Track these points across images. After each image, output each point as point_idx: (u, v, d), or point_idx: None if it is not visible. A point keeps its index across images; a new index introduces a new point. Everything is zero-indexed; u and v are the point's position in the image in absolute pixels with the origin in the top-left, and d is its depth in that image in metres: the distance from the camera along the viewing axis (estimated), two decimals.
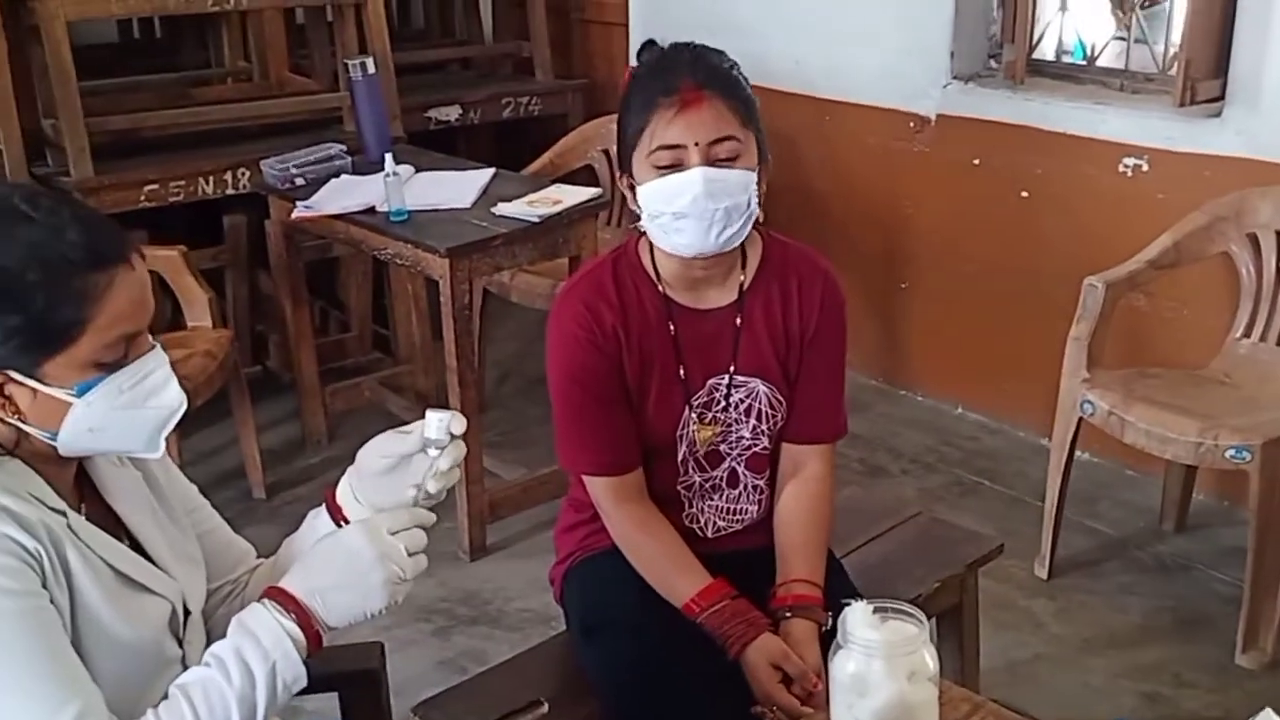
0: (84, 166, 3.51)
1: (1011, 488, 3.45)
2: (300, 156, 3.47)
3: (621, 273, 1.78)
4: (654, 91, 1.65)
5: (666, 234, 1.69)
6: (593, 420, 1.77)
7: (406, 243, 3.04)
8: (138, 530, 1.38)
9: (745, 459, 1.84)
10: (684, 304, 1.79)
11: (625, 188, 1.75)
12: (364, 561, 1.30)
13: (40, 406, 1.24)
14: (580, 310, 1.75)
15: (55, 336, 1.21)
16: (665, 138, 1.64)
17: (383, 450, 1.39)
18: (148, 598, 1.33)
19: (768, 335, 1.80)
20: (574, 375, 1.76)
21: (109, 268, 1.23)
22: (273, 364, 4.10)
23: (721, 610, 1.70)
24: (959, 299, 3.82)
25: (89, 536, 1.28)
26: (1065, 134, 3.42)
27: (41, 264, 1.20)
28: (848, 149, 4.00)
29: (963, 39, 3.66)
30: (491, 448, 3.43)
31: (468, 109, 4.52)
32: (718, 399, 1.80)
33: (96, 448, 1.31)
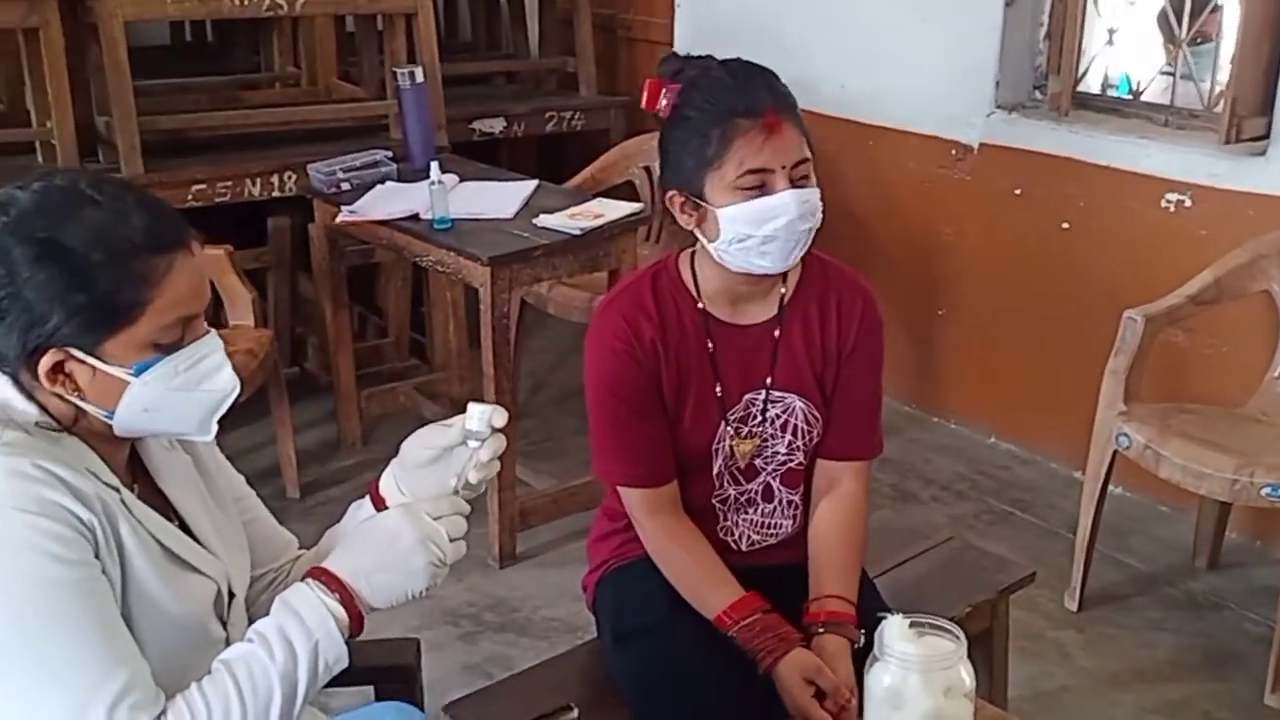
0: (134, 164, 3.56)
1: (1043, 519, 3.43)
2: (346, 162, 3.51)
3: (661, 287, 1.80)
4: (732, 113, 1.64)
5: (749, 256, 1.69)
6: (629, 432, 1.78)
7: (449, 250, 3.07)
8: (186, 512, 1.41)
9: (780, 474, 1.85)
10: (723, 319, 1.80)
11: (678, 208, 1.73)
12: (406, 544, 1.32)
13: (99, 385, 1.27)
14: (620, 323, 1.77)
15: (117, 316, 1.24)
16: (754, 162, 1.64)
17: (426, 442, 1.42)
18: (195, 577, 1.36)
19: (805, 351, 1.81)
20: (611, 387, 1.78)
21: (170, 252, 1.26)
22: (311, 366, 4.14)
23: (754, 624, 1.70)
24: (996, 327, 3.82)
25: (141, 514, 1.31)
26: (1108, 167, 3.42)
27: (106, 246, 1.23)
28: (890, 174, 4.01)
29: (1008, 68, 3.67)
30: (524, 457, 3.45)
31: (511, 121, 4.56)
32: (754, 413, 1.81)
33: (151, 428, 1.34)
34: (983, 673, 2.21)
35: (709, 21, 4.48)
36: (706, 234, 1.72)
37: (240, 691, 1.25)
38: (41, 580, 1.19)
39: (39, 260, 1.22)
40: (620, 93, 4.89)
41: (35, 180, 1.27)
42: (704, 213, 1.70)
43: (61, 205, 1.24)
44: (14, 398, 1.28)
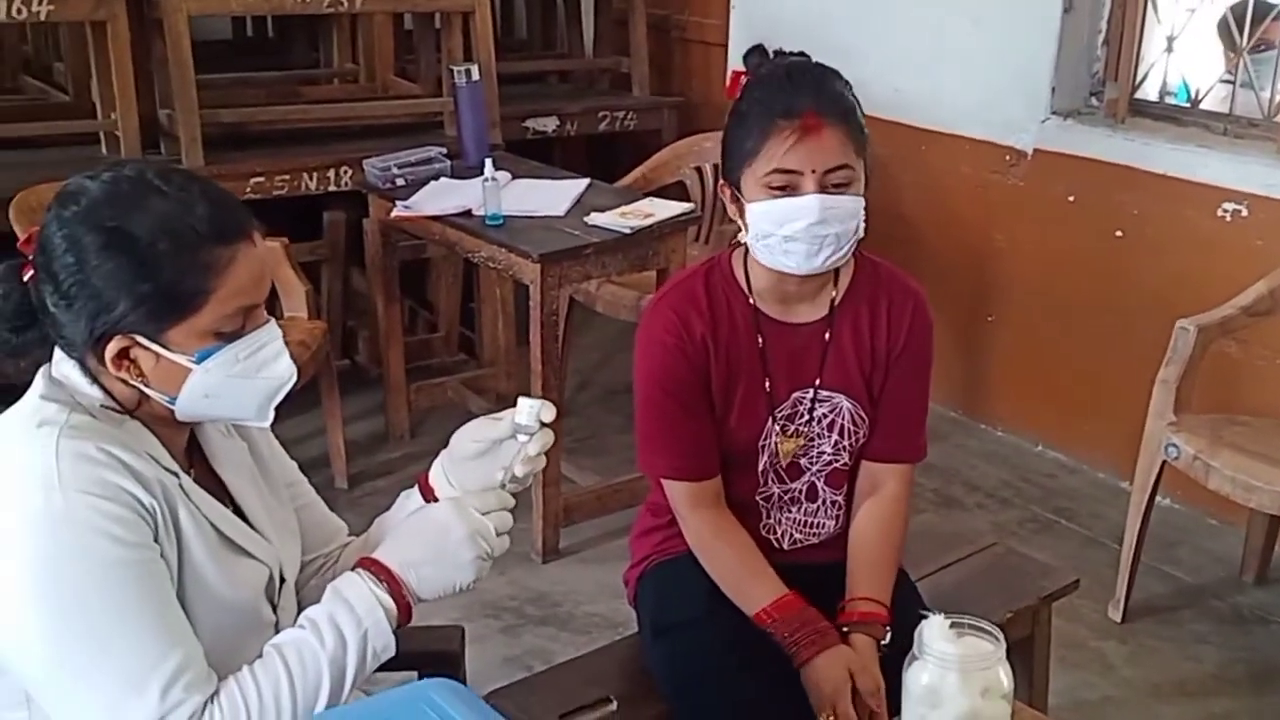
0: (195, 156, 3.62)
1: (1088, 528, 3.41)
2: (402, 157, 3.56)
3: (714, 283, 1.82)
4: (773, 111, 1.67)
5: (772, 253, 1.72)
6: (675, 426, 1.80)
7: (500, 246, 3.11)
8: (241, 498, 1.44)
9: (825, 474, 1.86)
10: (774, 316, 1.82)
11: (728, 198, 1.78)
12: (455, 538, 1.35)
13: (162, 371, 1.30)
14: (671, 318, 1.79)
15: (181, 305, 1.27)
16: (783, 162, 1.67)
17: (475, 435, 1.45)
18: (248, 561, 1.39)
19: (855, 352, 1.82)
20: (660, 380, 1.80)
21: (233, 242, 1.29)
22: (361, 359, 4.20)
23: (793, 619, 1.72)
24: (1046, 334, 3.79)
25: (198, 498, 1.35)
26: (1164, 175, 3.39)
27: (171, 235, 1.26)
28: (943, 178, 4.00)
29: (1065, 74, 3.65)
30: (568, 453, 3.48)
31: (565, 120, 4.59)
32: (801, 412, 1.83)
33: (211, 414, 1.37)
34: (1023, 680, 2.21)
35: (764, 23, 4.48)
36: (745, 227, 1.75)
37: (290, 675, 1.29)
38: (103, 561, 1.22)
39: (107, 249, 1.25)
40: (673, 93, 4.91)
41: (104, 170, 1.30)
42: (741, 206, 1.74)
43: (129, 195, 1.27)
44: (80, 382, 1.31)
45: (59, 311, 1.28)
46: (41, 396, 1.31)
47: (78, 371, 1.32)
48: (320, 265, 4.00)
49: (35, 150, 3.78)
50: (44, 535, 1.22)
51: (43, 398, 1.31)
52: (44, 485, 1.22)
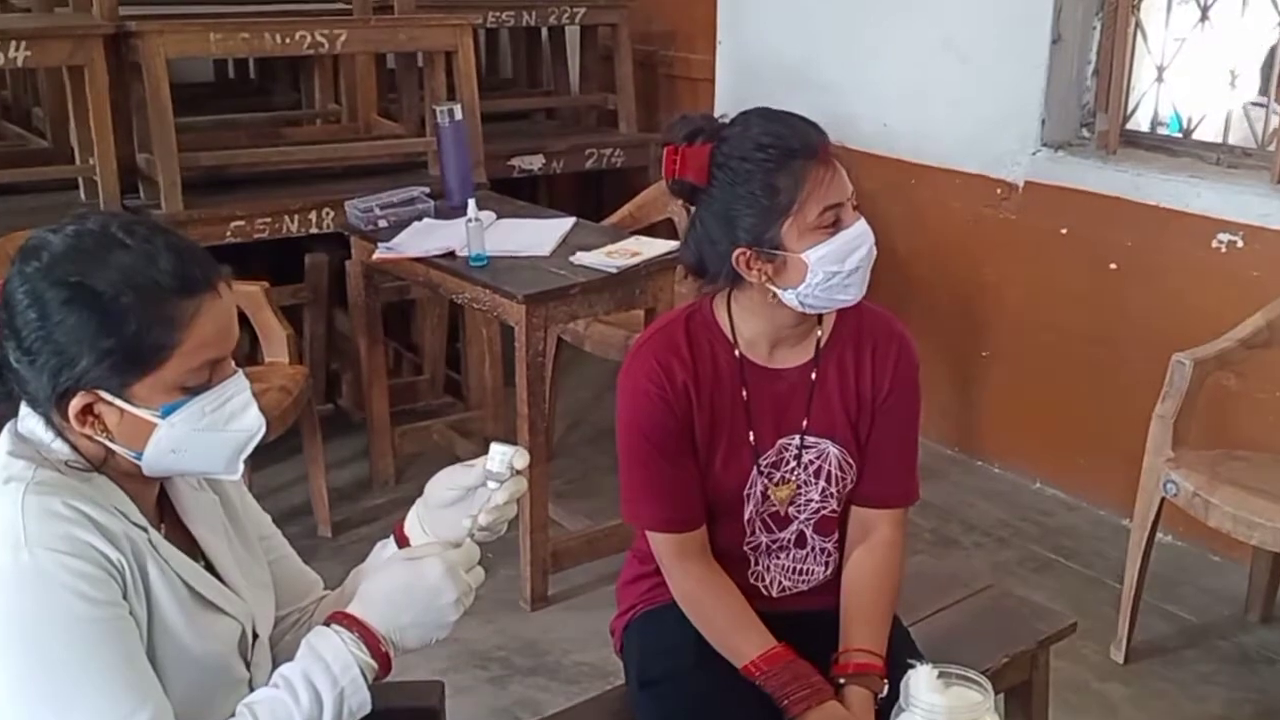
0: (175, 200, 3.63)
1: (1089, 567, 3.40)
2: (384, 198, 3.57)
3: (695, 330, 1.81)
4: (793, 155, 1.66)
5: (831, 293, 1.71)
6: (659, 475, 1.79)
7: (485, 287, 3.10)
8: (212, 552, 1.43)
9: (814, 521, 1.85)
10: (758, 363, 1.81)
11: (749, 263, 1.69)
12: (444, 601, 1.35)
13: (127, 426, 1.30)
14: (652, 366, 1.78)
15: (145, 359, 1.27)
16: (829, 198, 1.67)
17: (449, 482, 1.44)
18: (220, 617, 1.38)
19: (840, 396, 1.82)
20: (643, 430, 1.78)
21: (197, 294, 1.29)
22: (345, 403, 4.19)
23: (783, 672, 1.70)
24: (1041, 369, 3.79)
25: (168, 554, 1.34)
26: (1158, 206, 3.40)
27: (134, 290, 1.26)
28: (933, 213, 4.01)
29: (1054, 106, 3.67)
30: (557, 497, 3.46)
31: (551, 158, 4.61)
32: (787, 459, 1.82)
33: (178, 468, 1.36)
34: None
35: (751, 58, 4.51)
36: (785, 282, 1.70)
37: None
38: (69, 618, 1.22)
39: (69, 304, 1.25)
40: (660, 130, 4.93)
41: (68, 223, 1.30)
42: (781, 263, 1.69)
43: (92, 249, 1.27)
44: (45, 437, 1.31)
45: (22, 368, 1.28)
46: (8, 453, 1.30)
47: (43, 427, 1.31)
48: (302, 308, 4.00)
49: (13, 197, 3.79)
50: (11, 593, 1.21)
51: (9, 454, 1.30)
52: (11, 543, 1.22)
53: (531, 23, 4.96)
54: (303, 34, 3.75)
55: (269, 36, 3.73)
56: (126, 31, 3.63)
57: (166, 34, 3.59)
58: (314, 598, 1.62)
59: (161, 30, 3.59)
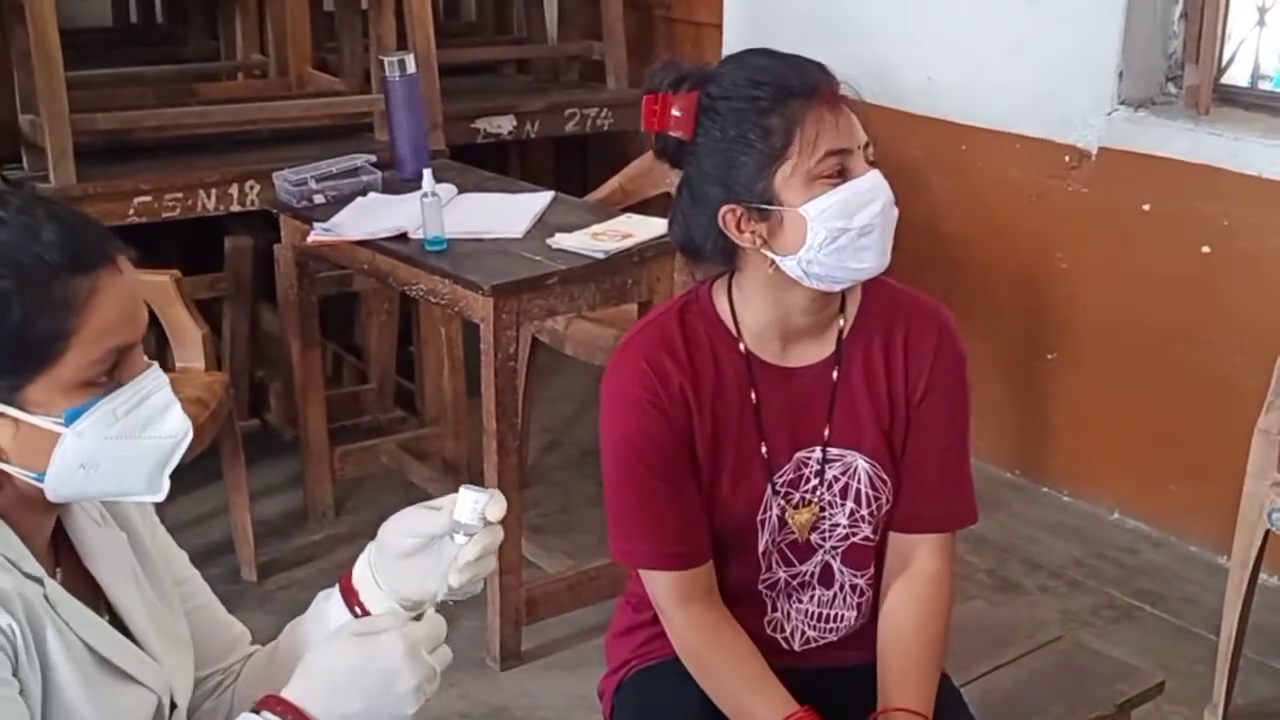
0: (66, 171, 3.61)
1: (1178, 615, 3.41)
2: (321, 169, 3.57)
3: (692, 323, 1.81)
4: (788, 95, 1.66)
5: (843, 257, 1.69)
6: (653, 501, 1.78)
7: (443, 277, 3.11)
8: (120, 604, 1.40)
9: (841, 551, 1.85)
10: (769, 361, 1.81)
11: (738, 223, 1.70)
12: (402, 688, 1.29)
13: (24, 441, 1.26)
14: (642, 368, 1.78)
15: (36, 353, 1.24)
16: (833, 142, 1.66)
17: (408, 528, 1.41)
18: (129, 688, 1.35)
19: (869, 398, 1.81)
20: (633, 445, 1.78)
21: (92, 271, 1.26)
22: (273, 418, 4.18)
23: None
24: (1119, 376, 3.80)
25: (67, 611, 1.31)
26: (1259, 177, 3.41)
27: (14, 268, 1.23)
28: (988, 185, 4.02)
29: (1134, 57, 3.68)
30: (533, 532, 3.46)
31: (524, 120, 4.61)
32: (807, 476, 1.82)
33: (90, 489, 1.33)
34: None
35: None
36: (782, 246, 1.69)
37: None
38: None
39: None
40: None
41: None
42: (776, 220, 1.69)
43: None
44: None
45: None
46: None
47: None
48: (221, 303, 4.00)
49: None
50: None
51: None
52: None
53: None
54: None
55: None
56: None
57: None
58: (240, 655, 1.60)
59: None
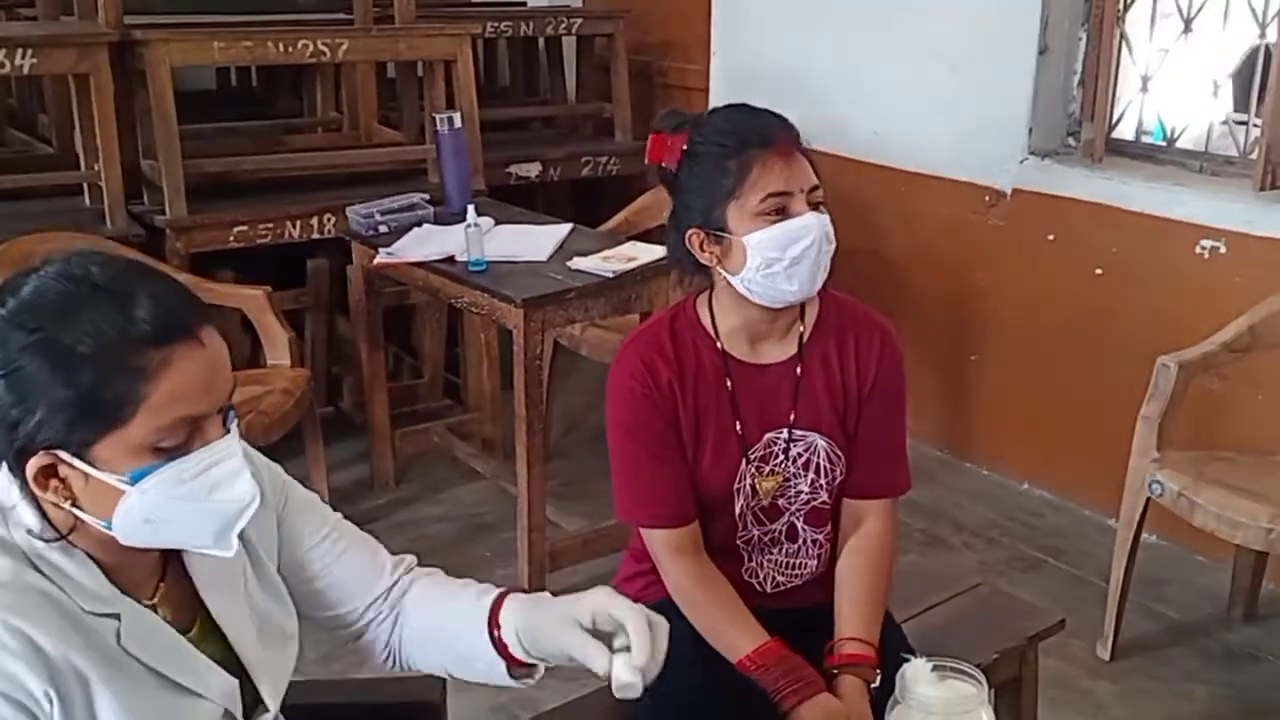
0: (179, 206, 3.62)
1: (1075, 566, 3.40)
2: (385, 204, 3.56)
3: (679, 329, 1.82)
4: (747, 143, 1.68)
5: (774, 283, 1.71)
6: (648, 473, 1.79)
7: (483, 292, 3.10)
8: (220, 614, 1.30)
9: (804, 513, 1.85)
10: (742, 359, 1.81)
11: (700, 245, 1.74)
12: None
13: (93, 492, 1.15)
14: (637, 365, 1.79)
15: (104, 415, 1.12)
16: (774, 185, 1.68)
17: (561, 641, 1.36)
18: (195, 704, 1.24)
19: (826, 390, 1.82)
20: (630, 429, 1.79)
21: (170, 343, 1.13)
22: (346, 405, 4.18)
23: (775, 666, 1.70)
24: (1029, 373, 3.80)
25: (141, 644, 1.20)
26: (1142, 214, 3.41)
27: (96, 336, 1.11)
28: (923, 220, 4.02)
29: (1041, 115, 3.68)
30: (555, 498, 3.45)
31: (548, 166, 4.61)
32: (776, 452, 1.82)
33: (157, 541, 1.20)
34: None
35: (745, 68, 4.52)
36: (730, 267, 1.73)
37: None
38: None
39: (27, 350, 1.11)
40: None
41: (49, 264, 1.17)
42: (727, 245, 1.72)
43: (63, 295, 1.13)
44: (19, 502, 1.17)
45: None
46: None
47: (17, 490, 1.17)
48: (304, 313, 4.00)
49: (19, 202, 3.77)
50: None
51: None
52: None
53: (529, 33, 4.98)
54: (305, 43, 3.75)
55: (272, 45, 3.74)
56: (132, 40, 3.62)
57: (171, 42, 3.59)
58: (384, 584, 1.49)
59: (166, 39, 3.59)
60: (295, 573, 1.43)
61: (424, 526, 3.53)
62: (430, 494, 3.75)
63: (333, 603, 1.46)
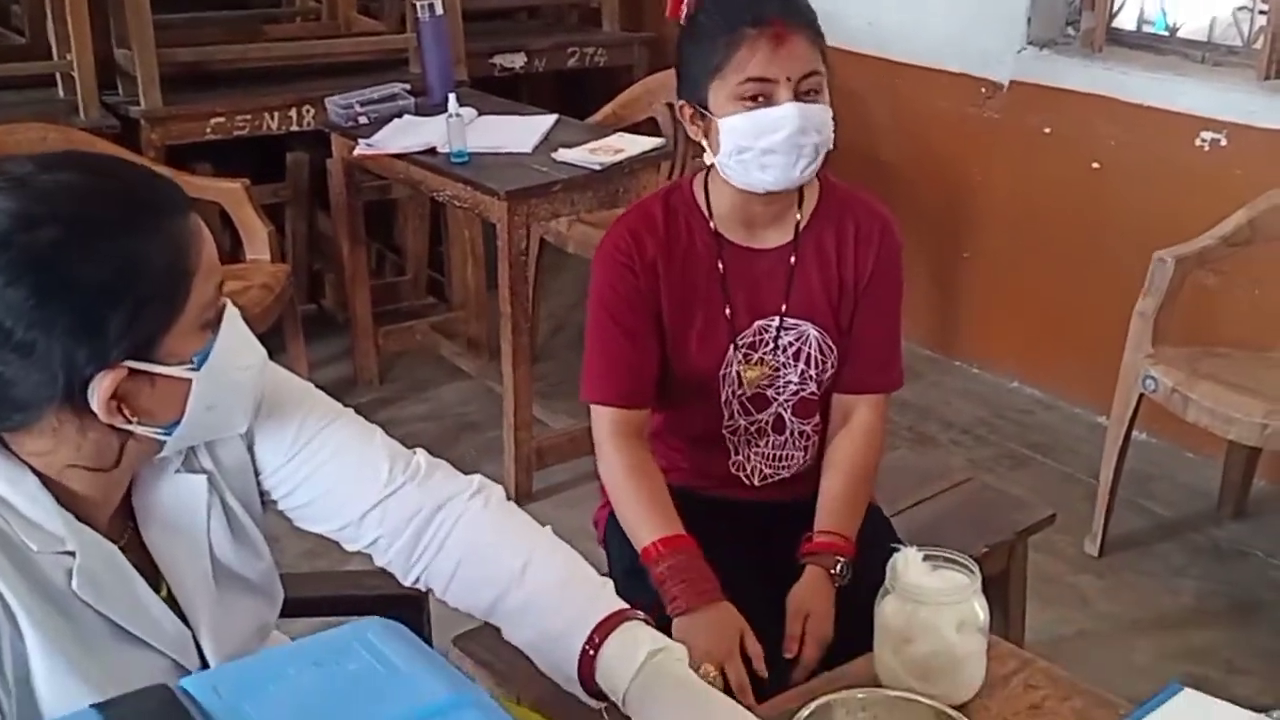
0: (153, 96, 3.53)
1: (1065, 464, 3.39)
2: (365, 95, 3.47)
3: (673, 206, 1.77)
4: (739, 20, 1.61)
5: (748, 170, 1.65)
6: (611, 347, 1.74)
7: (466, 184, 3.03)
8: (170, 569, 1.19)
9: (792, 404, 1.80)
10: (736, 241, 1.76)
11: (688, 119, 1.71)
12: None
13: (160, 396, 1.07)
14: (624, 238, 1.74)
15: (176, 295, 1.05)
16: (756, 70, 1.61)
17: None
18: (143, 654, 1.14)
19: (821, 279, 1.77)
20: (603, 298, 1.75)
21: (188, 212, 1.09)
22: (328, 303, 4.12)
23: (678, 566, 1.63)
24: (1022, 269, 3.75)
25: (95, 583, 1.10)
26: (1142, 105, 3.33)
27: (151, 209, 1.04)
28: (918, 112, 3.93)
29: (1040, 4, 3.57)
30: (541, 397, 3.42)
31: (533, 57, 4.49)
32: (766, 340, 1.77)
33: (211, 432, 1.16)
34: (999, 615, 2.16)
35: None
36: (712, 146, 1.68)
37: None
38: None
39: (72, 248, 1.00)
40: (645, 29, 4.80)
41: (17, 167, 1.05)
42: (709, 123, 1.67)
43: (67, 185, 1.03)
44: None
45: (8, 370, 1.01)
46: None
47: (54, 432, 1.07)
48: (284, 207, 3.92)
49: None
50: None
51: None
52: None
53: None
54: None
55: None
56: None
57: None
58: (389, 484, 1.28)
59: None
60: (276, 489, 1.30)
61: (408, 425, 3.49)
62: (414, 393, 3.72)
63: (322, 516, 1.30)
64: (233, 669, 0.91)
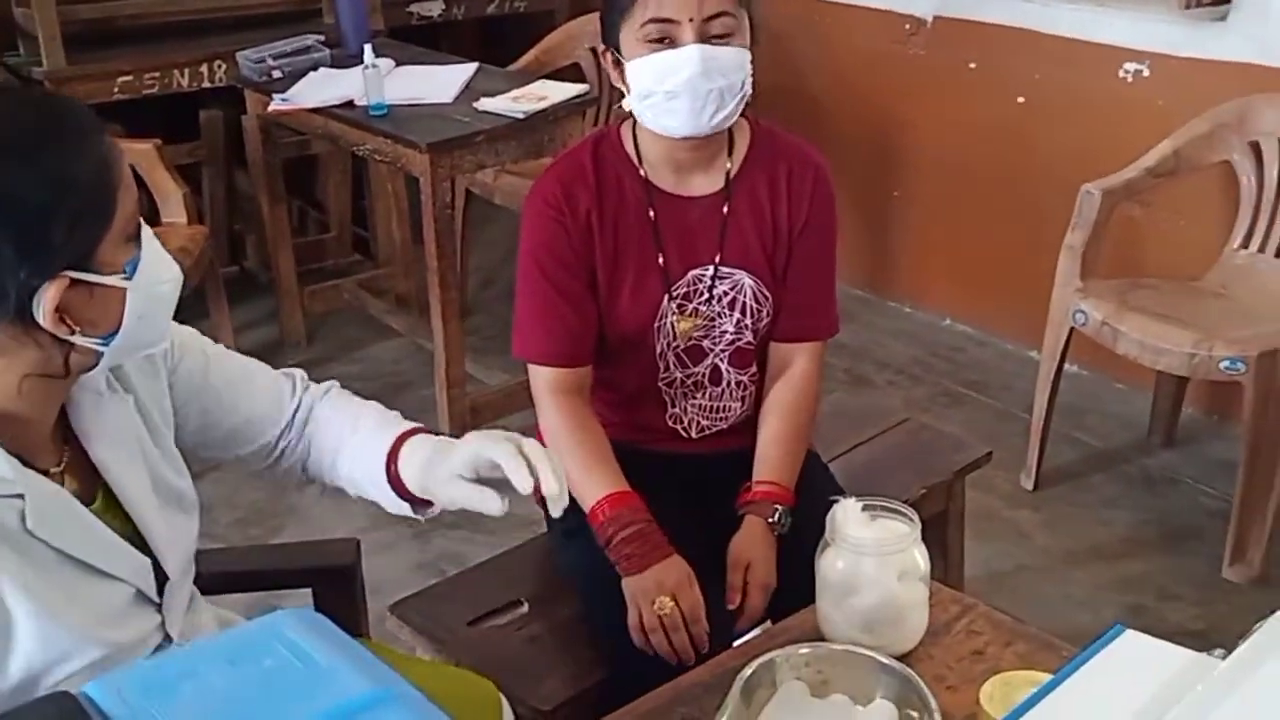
0: (56, 56, 3.39)
1: (999, 400, 3.41)
2: (277, 48, 3.37)
3: (602, 155, 1.72)
4: None
5: (656, 114, 1.62)
6: (546, 305, 1.70)
7: (386, 137, 2.95)
8: (118, 483, 1.22)
9: (728, 354, 1.78)
10: (666, 190, 1.72)
11: (609, 63, 1.67)
12: None
13: (98, 306, 1.10)
14: (555, 192, 1.69)
15: (103, 208, 1.08)
16: (659, 11, 1.57)
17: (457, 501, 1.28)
18: (106, 584, 1.17)
19: (754, 227, 1.73)
20: (537, 256, 1.70)
21: (104, 130, 1.12)
22: (250, 264, 4.03)
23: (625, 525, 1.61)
24: (951, 207, 3.74)
25: (48, 523, 1.12)
26: (1064, 38, 3.32)
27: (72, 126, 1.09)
28: (842, 50, 3.89)
29: None
30: (474, 352, 3.38)
31: (451, 4, 4.38)
32: (700, 290, 1.73)
33: (140, 345, 1.17)
34: (938, 555, 2.19)
35: None
36: (628, 90, 1.65)
37: None
38: None
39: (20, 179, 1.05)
40: None
41: None
42: (624, 67, 1.64)
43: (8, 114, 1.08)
44: None
45: None
46: None
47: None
48: (199, 167, 3.81)
49: None
50: None
51: None
52: None
53: None
54: None
55: None
56: None
57: None
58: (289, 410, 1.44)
59: None
60: (200, 421, 1.37)
61: None
62: (344, 353, 3.64)
63: (245, 440, 1.42)
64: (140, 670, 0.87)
